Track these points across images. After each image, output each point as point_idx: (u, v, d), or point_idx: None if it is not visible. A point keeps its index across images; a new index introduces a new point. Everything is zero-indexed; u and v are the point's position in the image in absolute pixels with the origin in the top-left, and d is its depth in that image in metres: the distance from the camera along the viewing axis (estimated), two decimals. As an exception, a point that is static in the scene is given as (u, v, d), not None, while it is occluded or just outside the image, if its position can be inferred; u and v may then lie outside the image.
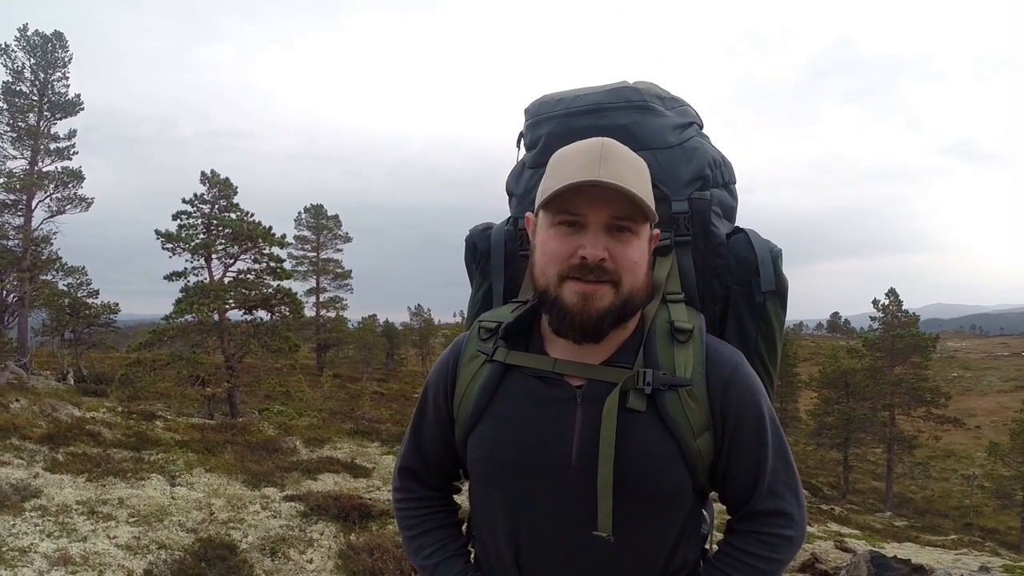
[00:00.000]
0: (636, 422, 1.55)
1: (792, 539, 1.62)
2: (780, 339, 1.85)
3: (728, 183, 1.89)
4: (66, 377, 29.21)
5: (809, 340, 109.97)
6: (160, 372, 23.47)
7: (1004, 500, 37.71)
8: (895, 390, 41.36)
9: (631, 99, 1.81)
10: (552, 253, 1.54)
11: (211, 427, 16.34)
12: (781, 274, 1.76)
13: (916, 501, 43.31)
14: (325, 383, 40.57)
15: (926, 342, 41.97)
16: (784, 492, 1.62)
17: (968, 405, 62.92)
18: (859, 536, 15.27)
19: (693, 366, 1.58)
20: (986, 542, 26.70)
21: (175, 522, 7.98)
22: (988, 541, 28.15)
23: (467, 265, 2.07)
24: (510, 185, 2.00)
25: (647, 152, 1.74)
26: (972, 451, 51.87)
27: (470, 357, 1.76)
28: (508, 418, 1.66)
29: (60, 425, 13.01)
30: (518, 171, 1.97)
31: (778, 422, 1.66)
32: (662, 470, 1.56)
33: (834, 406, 43.44)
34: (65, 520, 7.50)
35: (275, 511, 8.93)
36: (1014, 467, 36.97)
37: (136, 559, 6.69)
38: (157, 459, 11.36)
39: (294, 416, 22.17)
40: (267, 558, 7.21)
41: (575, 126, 1.81)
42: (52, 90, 32.17)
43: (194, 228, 25.26)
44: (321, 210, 57.65)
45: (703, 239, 1.76)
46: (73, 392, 21.94)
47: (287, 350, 25.52)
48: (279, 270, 25.91)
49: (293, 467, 12.03)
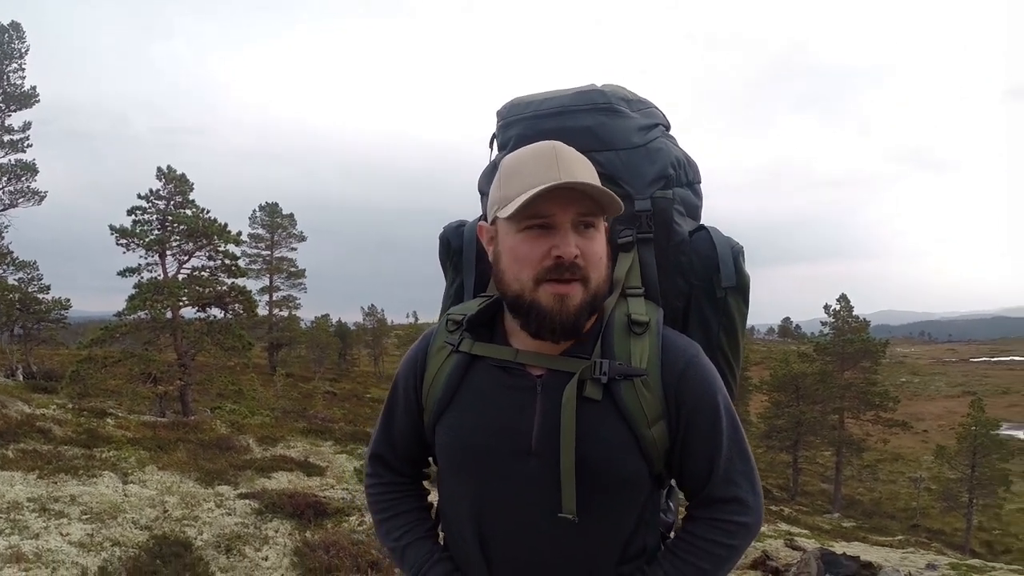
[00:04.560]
0: (593, 410, 1.61)
1: (748, 525, 1.67)
2: (742, 333, 1.91)
3: (692, 182, 1.94)
4: (15, 374, 28.67)
5: (760, 344, 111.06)
6: (111, 369, 23.10)
7: (950, 502, 38.45)
8: (845, 394, 41.95)
9: (596, 101, 1.85)
10: (524, 257, 1.59)
11: (163, 425, 16.17)
12: (742, 270, 1.82)
13: (864, 503, 43.89)
14: (278, 382, 40.25)
15: (876, 347, 42.63)
16: (740, 480, 1.67)
17: (916, 409, 63.97)
18: (808, 536, 15.51)
19: (648, 357, 1.64)
20: (932, 543, 27.20)
21: (128, 519, 7.94)
22: (934, 542, 28.67)
23: (441, 261, 2.12)
24: (482, 184, 2.04)
25: (611, 152, 1.82)
26: (919, 454, 52.77)
27: (438, 348, 1.82)
28: (473, 406, 1.74)
29: (9, 421, 12.80)
30: (490, 171, 1.99)
31: (735, 413, 1.72)
32: (618, 457, 1.62)
33: (784, 409, 43.97)
34: (16, 517, 7.42)
35: (230, 509, 8.89)
36: (960, 470, 37.74)
37: (90, 556, 6.65)
38: (109, 456, 11.25)
39: (247, 415, 21.95)
40: (222, 555, 7.20)
41: (542, 128, 1.86)
42: (7, 81, 31.56)
43: (149, 224, 24.92)
44: (276, 208, 57.06)
45: (665, 236, 1.81)
46: (22, 389, 21.55)
47: (240, 348, 25.27)
48: (234, 267, 25.64)
49: (247, 465, 11.97)
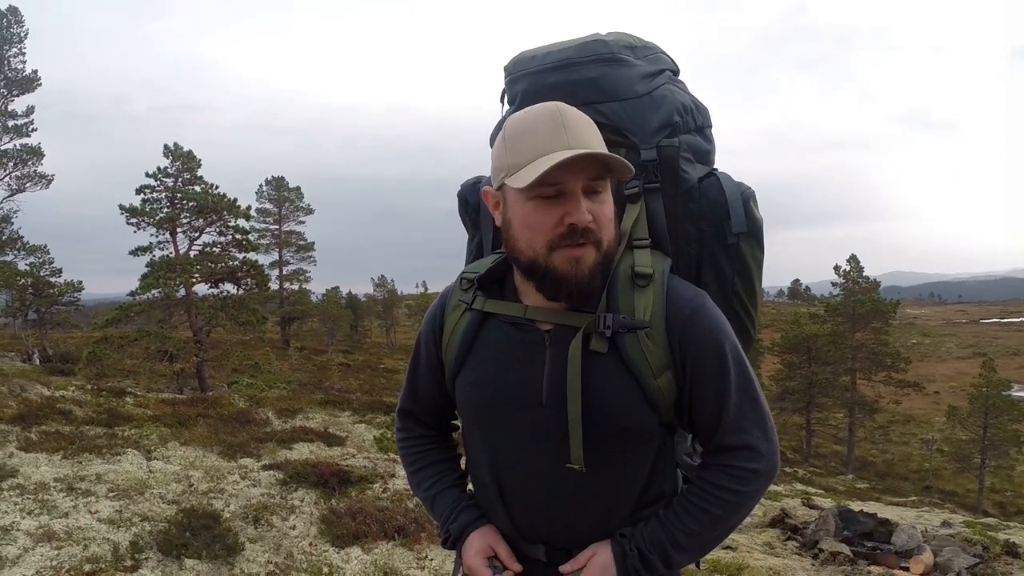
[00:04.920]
0: (599, 363, 1.66)
1: (760, 472, 1.69)
2: (759, 278, 1.89)
3: (702, 127, 1.91)
4: (31, 357, 28.86)
5: (771, 307, 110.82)
6: (128, 349, 23.19)
7: (962, 463, 38.29)
8: (856, 355, 41.82)
9: (599, 52, 1.84)
10: (537, 225, 1.61)
11: (182, 401, 16.27)
12: (753, 215, 1.81)
13: (877, 464, 43.88)
14: (293, 355, 40.42)
15: (886, 308, 42.50)
16: (750, 427, 1.69)
17: (927, 371, 63.87)
18: (824, 496, 15.60)
19: (652, 309, 1.66)
20: (945, 504, 27.26)
21: (155, 495, 8.00)
22: (947, 503, 28.73)
23: (461, 218, 2.17)
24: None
25: (616, 103, 1.81)
26: (931, 416, 52.68)
27: (453, 306, 1.89)
28: (487, 361, 1.81)
29: (30, 405, 12.93)
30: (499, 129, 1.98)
31: (744, 360, 1.72)
32: (625, 407, 1.67)
33: (797, 371, 43.91)
34: (44, 497, 7.48)
35: (254, 480, 8.96)
36: (972, 431, 37.66)
37: (120, 532, 6.71)
38: (131, 434, 11.33)
39: (264, 388, 22.06)
40: (250, 526, 7.26)
41: (546, 82, 1.87)
42: (8, 66, 31.50)
43: (158, 202, 24.91)
44: (282, 182, 56.96)
45: (673, 185, 1.80)
46: (40, 372, 21.73)
47: (255, 323, 25.30)
48: (245, 242, 25.65)
49: (268, 438, 12.05)
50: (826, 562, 7.07)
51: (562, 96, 1.77)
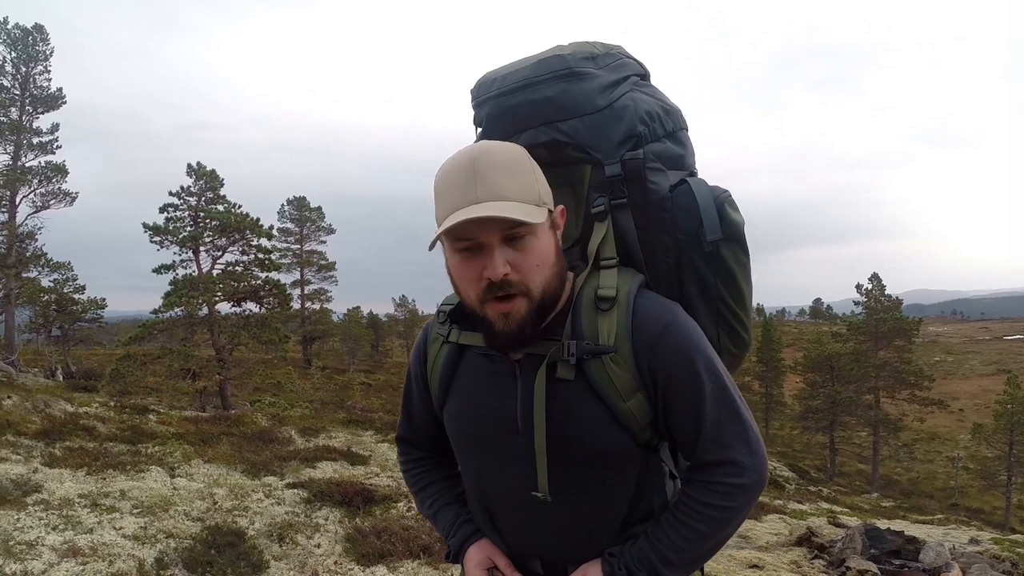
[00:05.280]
0: (566, 390, 1.66)
1: (745, 487, 1.65)
2: (746, 281, 1.82)
3: (672, 132, 1.83)
4: (55, 374, 29.04)
5: (792, 326, 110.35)
6: (150, 366, 23.35)
7: (988, 481, 38.02)
8: (879, 373, 41.59)
9: (556, 69, 1.79)
10: (464, 278, 1.62)
11: (205, 419, 16.31)
12: (729, 218, 1.75)
13: (902, 483, 43.60)
14: (315, 375, 40.51)
15: (909, 326, 42.28)
16: (731, 442, 1.64)
17: (951, 389, 63.31)
18: (850, 514, 15.47)
19: (617, 332, 1.64)
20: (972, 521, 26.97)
21: (180, 512, 8.02)
22: (974, 520, 28.43)
23: None
24: None
25: (576, 120, 1.77)
26: (956, 433, 52.30)
27: (433, 339, 1.93)
28: (466, 392, 1.84)
29: (54, 421, 12.98)
30: None
31: (721, 373, 1.67)
32: (595, 432, 1.66)
33: (819, 390, 43.71)
34: (69, 513, 7.51)
35: (279, 498, 8.97)
36: (998, 448, 37.32)
37: (145, 548, 6.73)
38: (154, 451, 11.38)
39: (286, 407, 22.14)
40: (275, 544, 7.27)
41: (508, 104, 1.85)
42: (34, 84, 31.91)
43: (181, 220, 25.07)
44: (304, 202, 57.28)
45: (642, 197, 1.75)
46: (63, 388, 21.82)
47: (277, 341, 25.41)
48: (267, 261, 25.77)
49: (291, 456, 12.08)
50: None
51: (524, 117, 1.81)
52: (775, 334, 56.76)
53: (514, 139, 1.81)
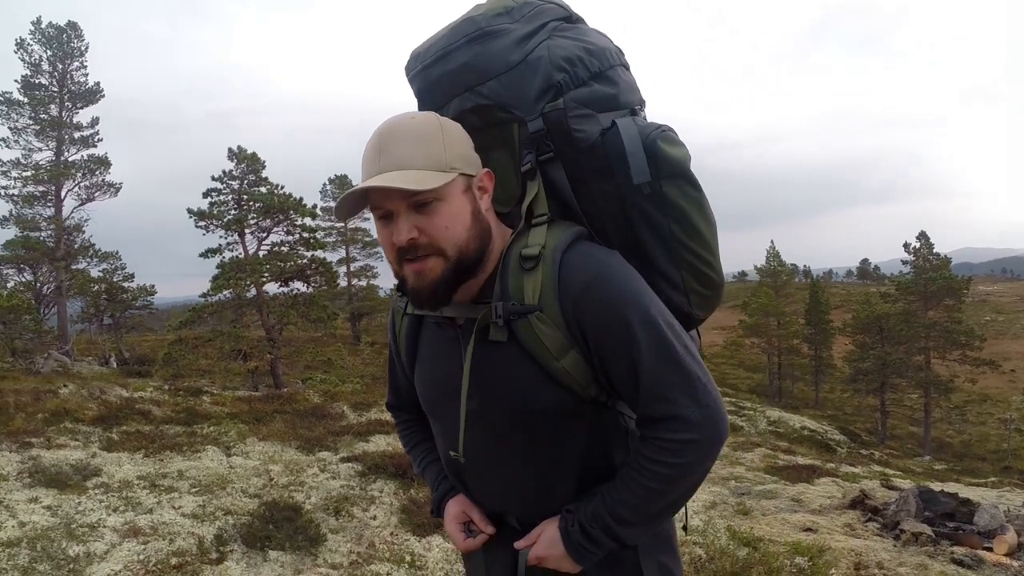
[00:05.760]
0: (499, 351, 1.67)
1: (694, 442, 1.60)
2: (700, 216, 1.74)
3: (600, 73, 1.75)
4: (108, 361, 29.51)
5: (839, 287, 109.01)
6: (202, 349, 23.57)
7: (1042, 443, 37.52)
8: (929, 333, 40.94)
9: (468, 32, 1.77)
10: (384, 244, 1.66)
11: (258, 398, 16.48)
12: (665, 155, 1.67)
13: (954, 445, 42.94)
14: (364, 350, 40.76)
15: (958, 285, 41.53)
16: (675, 396, 1.60)
17: (1002, 349, 62.22)
18: (903, 477, 15.35)
19: (542, 290, 1.62)
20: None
21: (237, 489, 8.14)
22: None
23: None
24: None
25: (493, 81, 1.73)
26: (1008, 395, 51.51)
27: (396, 311, 1.99)
28: (425, 360, 1.92)
29: (110, 406, 13.16)
30: None
31: (661, 324, 1.62)
32: (529, 392, 1.67)
33: (869, 351, 43.13)
34: (128, 495, 7.65)
35: (333, 473, 9.07)
36: (1051, 409, 36.76)
37: (204, 526, 6.84)
38: (209, 432, 11.56)
39: (337, 383, 22.32)
40: (331, 517, 7.36)
41: (431, 77, 1.84)
42: (71, 80, 32.30)
43: (225, 204, 25.20)
44: (346, 180, 57.13)
45: (571, 148, 1.70)
46: (118, 375, 22.17)
47: (326, 319, 25.51)
48: (312, 240, 25.84)
49: (344, 431, 12.23)
50: (908, 543, 6.95)
51: (447, 87, 1.80)
52: (823, 296, 56.21)
53: (444, 109, 1.80)
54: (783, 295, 59.75)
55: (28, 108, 31.01)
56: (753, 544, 6.75)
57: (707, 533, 7.14)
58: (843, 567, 6.15)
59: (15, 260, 31.64)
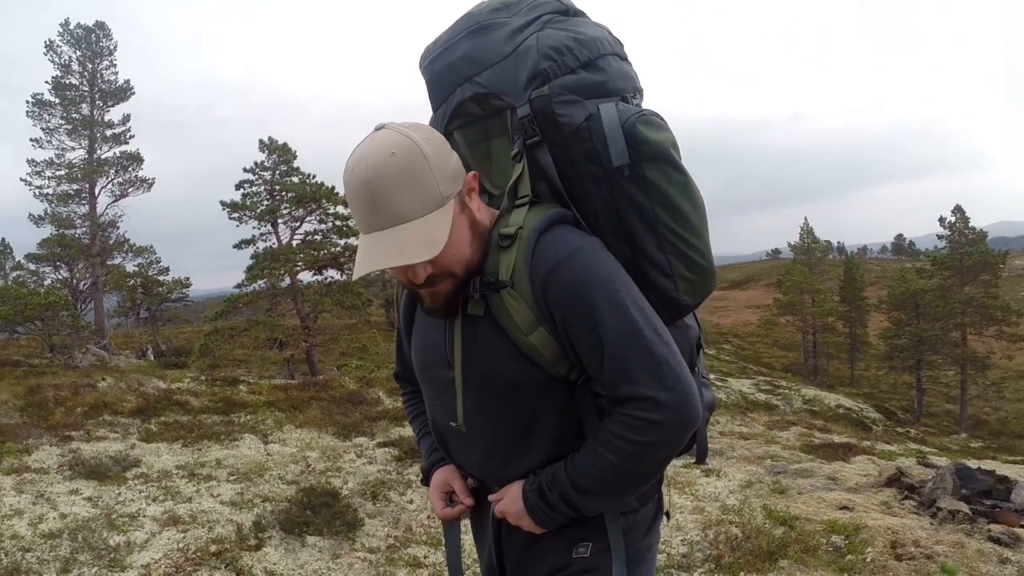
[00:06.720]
0: (479, 325, 1.76)
1: (660, 423, 1.64)
2: (686, 199, 1.76)
3: (589, 62, 1.79)
4: (146, 354, 29.79)
5: (874, 264, 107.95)
6: (238, 339, 23.63)
7: (1081, 421, 36.98)
8: (965, 309, 40.32)
9: (467, 26, 1.88)
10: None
11: (294, 386, 16.55)
12: (646, 138, 1.70)
13: (991, 423, 42.37)
14: (399, 336, 40.87)
15: (995, 259, 40.95)
16: (642, 377, 1.63)
17: (1040, 324, 61.42)
18: (939, 455, 15.23)
19: (515, 267, 1.69)
20: (1064, 462, 26.28)
21: (274, 476, 8.24)
22: (1066, 461, 27.71)
23: None
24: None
25: (488, 71, 1.83)
26: (1046, 372, 50.82)
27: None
28: (419, 330, 2.00)
29: (148, 398, 13.28)
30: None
31: (628, 306, 1.66)
32: (503, 365, 1.74)
33: (905, 328, 42.62)
34: (167, 484, 7.76)
35: (370, 458, 9.17)
36: (1090, 387, 36.24)
37: (243, 513, 6.93)
38: (247, 420, 11.70)
39: (373, 369, 22.39)
40: (369, 502, 7.43)
41: (435, 70, 1.96)
42: (102, 79, 32.52)
43: (258, 195, 25.17)
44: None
45: (557, 132, 1.74)
46: (155, 367, 22.34)
47: (360, 306, 25.52)
48: (345, 228, 25.78)
49: (380, 416, 12.35)
50: (944, 521, 6.90)
51: (449, 78, 1.91)
52: (857, 272, 55.68)
53: (448, 101, 1.92)
54: (817, 272, 59.35)
55: (60, 108, 31.18)
56: (789, 523, 6.74)
57: (743, 512, 7.14)
58: (879, 545, 6.13)
59: (51, 258, 32.10)
